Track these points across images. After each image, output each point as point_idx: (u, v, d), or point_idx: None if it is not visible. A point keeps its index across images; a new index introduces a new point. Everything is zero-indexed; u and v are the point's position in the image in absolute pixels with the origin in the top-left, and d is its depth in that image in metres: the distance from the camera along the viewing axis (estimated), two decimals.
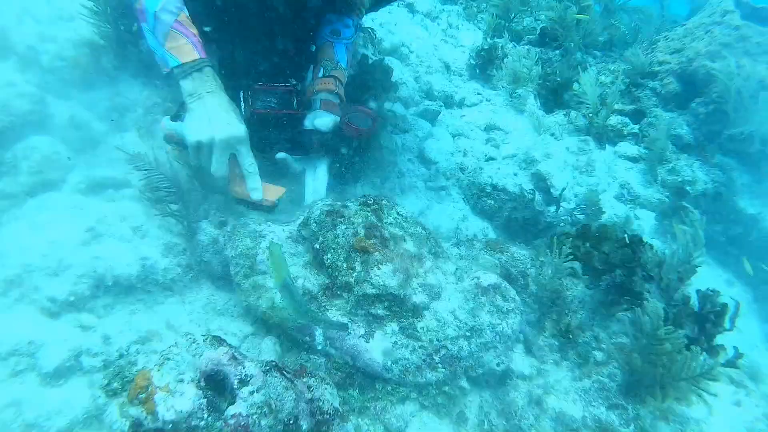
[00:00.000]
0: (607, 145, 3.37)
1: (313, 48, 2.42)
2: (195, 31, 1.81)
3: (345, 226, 1.81)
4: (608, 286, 1.85)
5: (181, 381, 1.31)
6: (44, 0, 2.90)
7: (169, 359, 1.34)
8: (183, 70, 1.77)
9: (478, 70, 4.10)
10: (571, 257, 1.85)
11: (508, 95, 3.85)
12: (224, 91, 1.84)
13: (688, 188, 3.07)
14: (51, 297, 1.68)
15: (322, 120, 2.12)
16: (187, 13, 1.81)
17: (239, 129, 1.77)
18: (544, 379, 1.70)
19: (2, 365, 1.59)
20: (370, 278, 1.69)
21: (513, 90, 3.76)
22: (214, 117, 1.75)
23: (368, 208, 1.89)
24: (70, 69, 2.60)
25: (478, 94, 3.95)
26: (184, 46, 1.77)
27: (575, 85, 3.29)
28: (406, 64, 4.12)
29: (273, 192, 1.93)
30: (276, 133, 2.13)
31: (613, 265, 1.76)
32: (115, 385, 1.38)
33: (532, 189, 2.85)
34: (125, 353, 1.69)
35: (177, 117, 1.90)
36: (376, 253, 1.73)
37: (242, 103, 2.08)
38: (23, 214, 1.79)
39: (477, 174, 2.93)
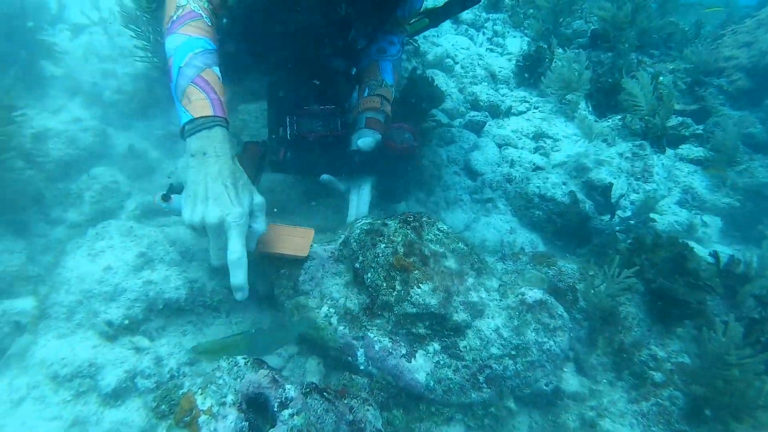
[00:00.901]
0: (666, 148, 3.19)
1: (355, 69, 2.45)
2: (219, 90, 1.67)
3: (384, 245, 1.80)
4: (662, 300, 1.74)
5: (223, 404, 1.34)
6: (107, 39, 3.11)
7: (211, 383, 1.37)
8: (192, 127, 1.60)
9: (525, 77, 4.01)
10: (625, 274, 1.75)
11: (557, 101, 3.74)
12: (232, 156, 1.64)
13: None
14: (108, 321, 1.77)
15: (364, 140, 2.14)
16: (217, 72, 1.70)
17: (233, 213, 1.52)
18: (597, 401, 1.62)
19: (67, 386, 1.69)
20: (410, 297, 1.67)
21: (562, 96, 3.64)
22: (207, 195, 1.54)
23: (408, 226, 1.88)
24: (128, 101, 2.76)
25: (525, 102, 3.86)
26: (199, 102, 1.60)
27: (629, 86, 3.15)
28: (450, 75, 4.10)
29: (305, 240, 1.85)
30: (321, 155, 2.17)
31: (665, 276, 1.65)
32: (163, 407, 1.44)
33: (582, 199, 2.75)
34: (176, 374, 1.76)
35: (169, 193, 1.75)
36: (416, 272, 1.71)
37: (288, 128, 2.13)
38: (84, 242, 1.90)
39: (524, 185, 2.85)
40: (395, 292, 1.70)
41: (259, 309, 2.05)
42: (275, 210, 2.35)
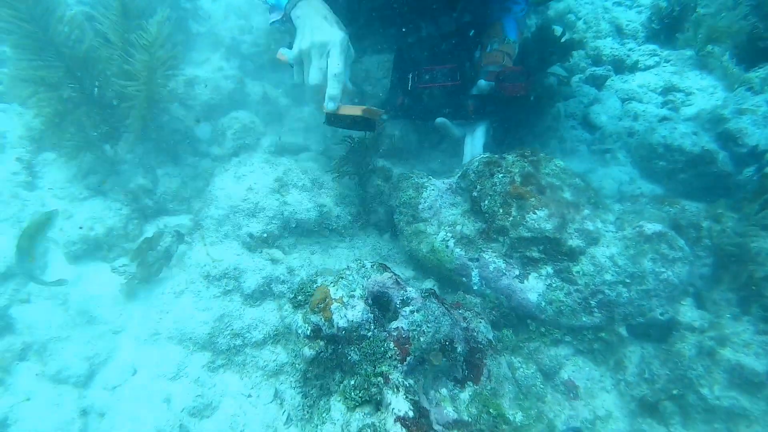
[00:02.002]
0: None
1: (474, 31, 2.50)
2: None
3: (502, 175, 1.87)
4: None
5: (353, 296, 1.51)
6: None
7: (342, 278, 1.55)
8: (292, 4, 1.88)
9: (656, 30, 3.79)
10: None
11: (695, 53, 3.50)
12: (327, 9, 1.87)
13: None
14: (250, 233, 2.02)
15: (478, 84, 2.21)
16: None
17: (332, 32, 1.76)
18: (718, 332, 1.58)
19: (217, 284, 1.97)
20: (526, 222, 1.73)
21: (701, 47, 3.40)
22: (313, 26, 1.78)
23: (525, 159, 1.93)
24: (262, 54, 3.02)
25: (655, 55, 3.65)
26: None
27: None
28: (572, 31, 3.98)
29: (353, 108, 1.85)
30: (438, 103, 2.27)
31: None
32: (300, 298, 1.63)
33: (716, 149, 2.59)
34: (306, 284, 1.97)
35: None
36: (533, 199, 1.77)
37: (410, 82, 2.27)
38: (230, 167, 2.16)
39: (648, 135, 2.74)
40: (511, 218, 1.77)
41: (380, 236, 2.21)
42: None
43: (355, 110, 1.79)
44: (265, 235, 2.03)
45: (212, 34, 3.21)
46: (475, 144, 2.29)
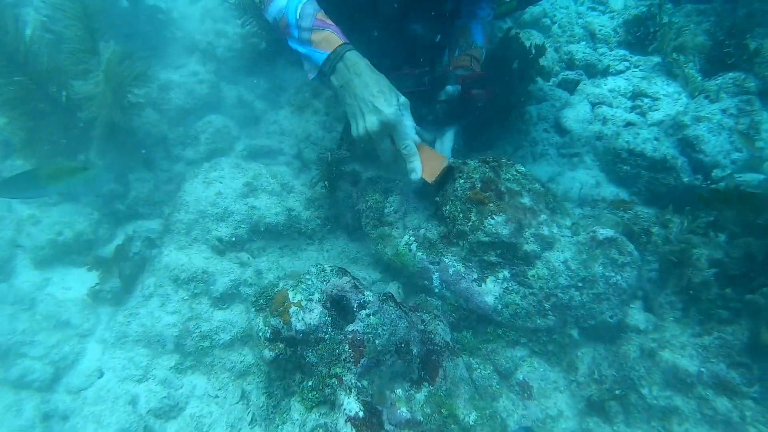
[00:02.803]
0: None
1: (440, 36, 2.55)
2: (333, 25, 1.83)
3: (463, 180, 1.92)
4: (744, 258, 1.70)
5: (311, 300, 1.56)
6: (219, 1, 3.42)
7: (302, 282, 1.60)
8: (329, 66, 1.77)
9: (628, 36, 3.88)
10: (700, 222, 1.76)
11: (661, 59, 3.59)
12: (368, 66, 1.77)
13: None
14: (218, 237, 2.06)
15: (446, 89, 2.26)
16: (323, 12, 1.85)
17: (387, 113, 1.69)
18: (660, 334, 1.65)
19: (186, 288, 2.01)
20: (484, 227, 1.79)
21: (667, 54, 3.49)
22: (364, 105, 1.72)
23: (487, 165, 1.98)
24: (237, 58, 3.05)
25: (625, 60, 3.74)
26: (328, 36, 1.77)
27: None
28: (546, 35, 4.06)
29: (436, 164, 1.87)
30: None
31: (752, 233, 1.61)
32: (261, 301, 1.68)
33: (675, 155, 2.68)
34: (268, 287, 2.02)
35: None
36: (491, 204, 1.82)
37: None
38: (200, 171, 2.20)
39: (613, 140, 2.82)
40: (470, 222, 1.82)
41: (350, 238, 2.26)
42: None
43: (439, 166, 1.86)
44: (233, 239, 2.07)
45: (189, 38, 3.24)
46: (444, 148, 2.34)
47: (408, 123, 1.77)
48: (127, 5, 3.10)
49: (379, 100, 1.70)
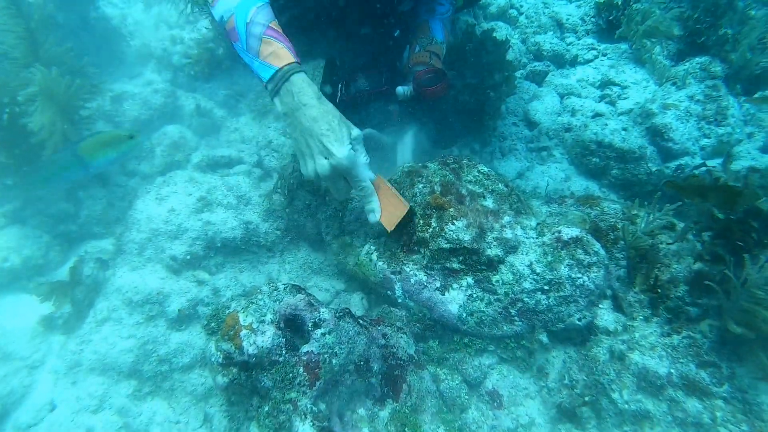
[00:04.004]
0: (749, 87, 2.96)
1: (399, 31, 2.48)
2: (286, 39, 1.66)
3: (422, 185, 1.86)
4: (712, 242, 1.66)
5: (263, 321, 1.48)
6: (174, 7, 3.31)
7: (253, 303, 1.52)
8: (273, 87, 1.60)
9: (595, 23, 3.83)
10: (666, 210, 1.72)
11: (629, 47, 3.55)
12: (317, 97, 1.58)
13: None
14: (173, 256, 1.98)
15: (397, 90, 2.18)
16: (277, 22, 1.68)
17: (339, 157, 1.52)
18: (630, 335, 1.60)
19: (140, 310, 1.92)
20: (444, 233, 1.72)
21: (635, 41, 3.45)
22: (313, 144, 1.55)
23: (447, 167, 1.92)
24: (194, 65, 2.95)
25: (593, 49, 3.69)
26: (280, 51, 1.59)
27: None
28: (514, 27, 4.00)
29: (396, 213, 1.72)
30: (368, 113, 2.23)
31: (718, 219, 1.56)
32: (213, 325, 1.60)
33: (644, 145, 2.64)
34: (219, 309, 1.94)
35: None
36: (451, 209, 1.76)
37: (338, 94, 2.20)
38: (152, 188, 2.11)
39: (581, 131, 2.77)
40: (431, 229, 1.76)
41: (312, 249, 2.19)
42: None
43: (398, 211, 1.71)
44: (188, 257, 1.99)
45: (144, 46, 3.13)
46: (404, 151, 2.28)
47: (362, 161, 1.61)
48: (76, 19, 2.98)
49: (329, 140, 1.52)
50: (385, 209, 1.70)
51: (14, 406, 1.78)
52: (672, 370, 1.47)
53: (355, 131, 1.60)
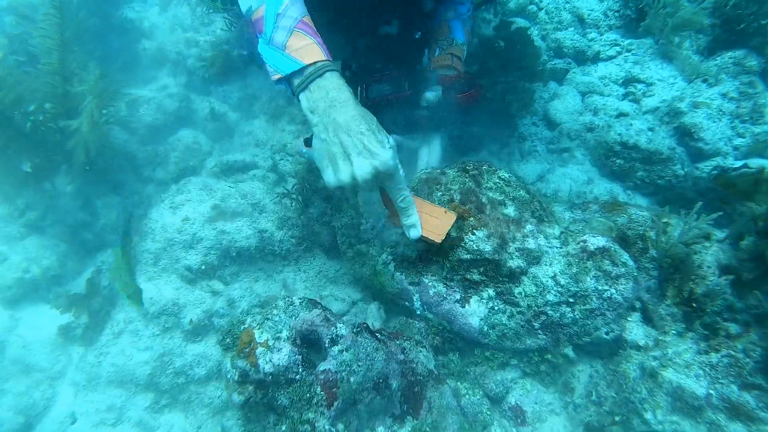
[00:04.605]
0: None
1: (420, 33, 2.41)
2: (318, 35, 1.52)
3: (441, 193, 1.80)
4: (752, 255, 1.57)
5: (279, 338, 1.44)
6: (190, 10, 3.29)
7: (268, 319, 1.48)
8: (302, 81, 1.43)
9: (617, 19, 3.70)
10: (705, 220, 1.63)
11: (654, 42, 3.42)
12: (354, 98, 1.43)
13: None
14: (188, 266, 1.95)
15: (426, 95, 2.12)
16: (309, 17, 1.54)
17: (384, 158, 1.34)
18: (662, 351, 1.52)
19: (156, 322, 1.91)
20: (464, 243, 1.66)
21: (662, 36, 3.31)
22: (350, 144, 1.35)
23: (467, 174, 1.86)
24: (208, 67, 2.92)
25: (616, 45, 3.56)
26: (309, 46, 1.44)
27: None
28: (533, 23, 3.89)
29: (443, 224, 1.59)
30: (391, 117, 2.17)
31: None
32: (228, 340, 1.57)
33: (673, 146, 2.53)
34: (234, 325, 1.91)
35: (310, 141, 1.53)
36: (471, 219, 1.70)
37: (358, 96, 2.12)
38: (166, 196, 2.09)
39: (605, 132, 2.68)
40: (450, 239, 1.70)
41: (328, 257, 2.15)
42: None
43: (444, 217, 1.58)
44: (203, 267, 1.96)
45: (159, 49, 3.11)
46: (431, 158, 2.21)
47: (401, 169, 1.44)
48: (101, 23, 2.97)
49: (370, 140, 1.34)
50: (426, 222, 1.56)
51: (38, 418, 1.78)
52: (711, 391, 1.39)
53: (392, 138, 1.44)
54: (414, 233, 1.52)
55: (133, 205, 2.33)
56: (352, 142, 1.35)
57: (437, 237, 1.56)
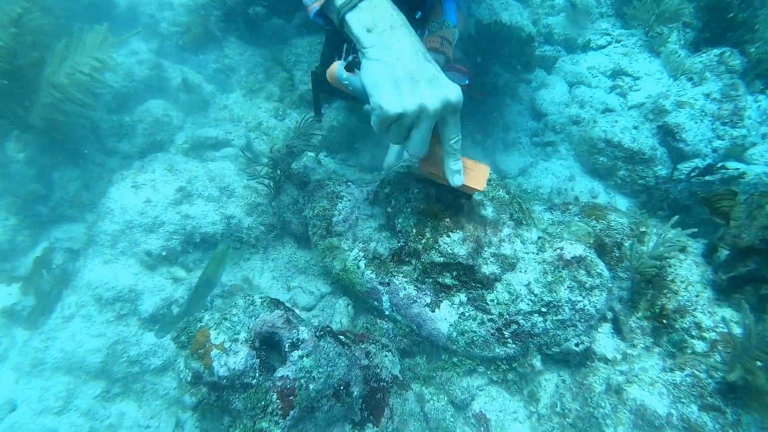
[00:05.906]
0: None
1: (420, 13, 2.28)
2: None
3: (418, 190, 1.72)
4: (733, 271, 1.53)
5: (236, 341, 1.36)
6: None
7: (226, 319, 1.40)
8: None
9: (608, 7, 3.62)
10: (678, 234, 1.59)
11: (644, 34, 3.35)
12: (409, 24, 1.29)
13: None
14: (148, 251, 1.85)
15: None
16: None
17: (457, 90, 1.22)
18: (629, 366, 1.50)
19: (110, 308, 1.81)
20: (438, 246, 1.60)
21: (651, 27, 3.25)
22: (418, 69, 1.21)
23: None
24: (182, 34, 2.75)
25: (606, 34, 3.50)
26: None
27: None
28: (525, 5, 3.78)
29: (479, 174, 1.46)
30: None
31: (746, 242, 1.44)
32: (183, 338, 1.49)
33: (655, 145, 2.49)
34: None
35: (354, 65, 1.39)
36: (447, 219, 1.63)
37: (344, 54, 1.99)
38: (128, 174, 1.96)
39: (590, 128, 2.62)
40: (424, 240, 1.63)
41: (298, 246, 2.06)
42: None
43: (478, 167, 1.45)
44: (164, 252, 1.86)
45: (130, 10, 2.92)
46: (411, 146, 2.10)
47: None
48: None
49: (438, 70, 1.22)
50: (466, 171, 1.43)
51: None
52: (672, 411, 1.37)
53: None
54: (458, 179, 1.39)
55: (93, 179, 2.19)
56: (423, 68, 1.22)
57: (480, 185, 1.44)
